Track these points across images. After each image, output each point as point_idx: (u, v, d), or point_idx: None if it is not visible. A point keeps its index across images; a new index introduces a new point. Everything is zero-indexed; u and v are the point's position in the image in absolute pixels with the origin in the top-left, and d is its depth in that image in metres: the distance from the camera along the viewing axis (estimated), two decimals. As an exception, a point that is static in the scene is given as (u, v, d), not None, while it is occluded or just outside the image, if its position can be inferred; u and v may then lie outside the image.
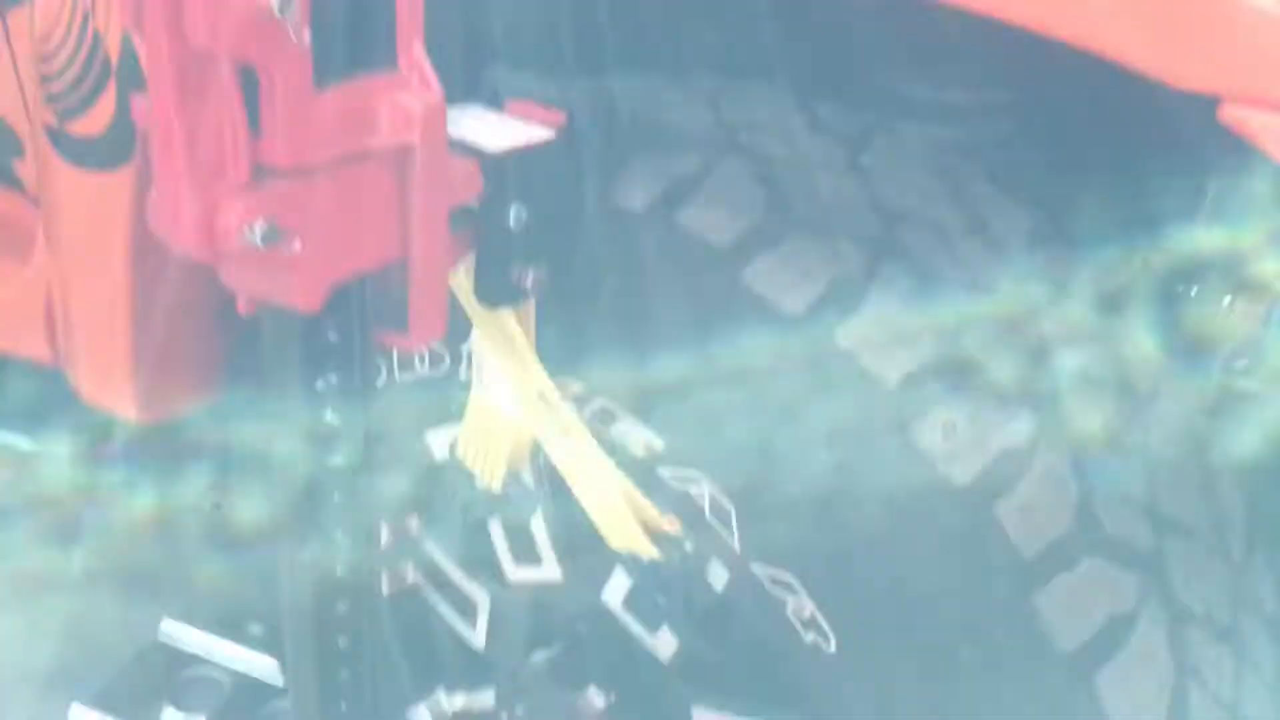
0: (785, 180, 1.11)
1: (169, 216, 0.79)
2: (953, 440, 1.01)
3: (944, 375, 1.03)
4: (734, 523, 1.10)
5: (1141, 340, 1.20)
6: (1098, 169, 1.43)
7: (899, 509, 1.02)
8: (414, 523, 1.48)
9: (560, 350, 1.13)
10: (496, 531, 1.40)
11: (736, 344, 1.06)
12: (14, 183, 1.61)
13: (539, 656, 1.37)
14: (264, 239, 0.79)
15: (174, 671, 2.05)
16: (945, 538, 1.01)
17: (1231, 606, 1.11)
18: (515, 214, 1.01)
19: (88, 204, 1.39)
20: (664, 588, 1.25)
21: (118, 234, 1.36)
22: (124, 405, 1.55)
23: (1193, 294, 1.58)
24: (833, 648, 1.08)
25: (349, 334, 0.95)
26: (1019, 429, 1.03)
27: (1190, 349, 1.47)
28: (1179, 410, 1.16)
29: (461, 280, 1.07)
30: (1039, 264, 1.16)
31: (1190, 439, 1.16)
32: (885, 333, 1.04)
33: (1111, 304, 1.20)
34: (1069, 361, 1.09)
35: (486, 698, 1.50)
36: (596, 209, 1.07)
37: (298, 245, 0.83)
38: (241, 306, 0.91)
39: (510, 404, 1.17)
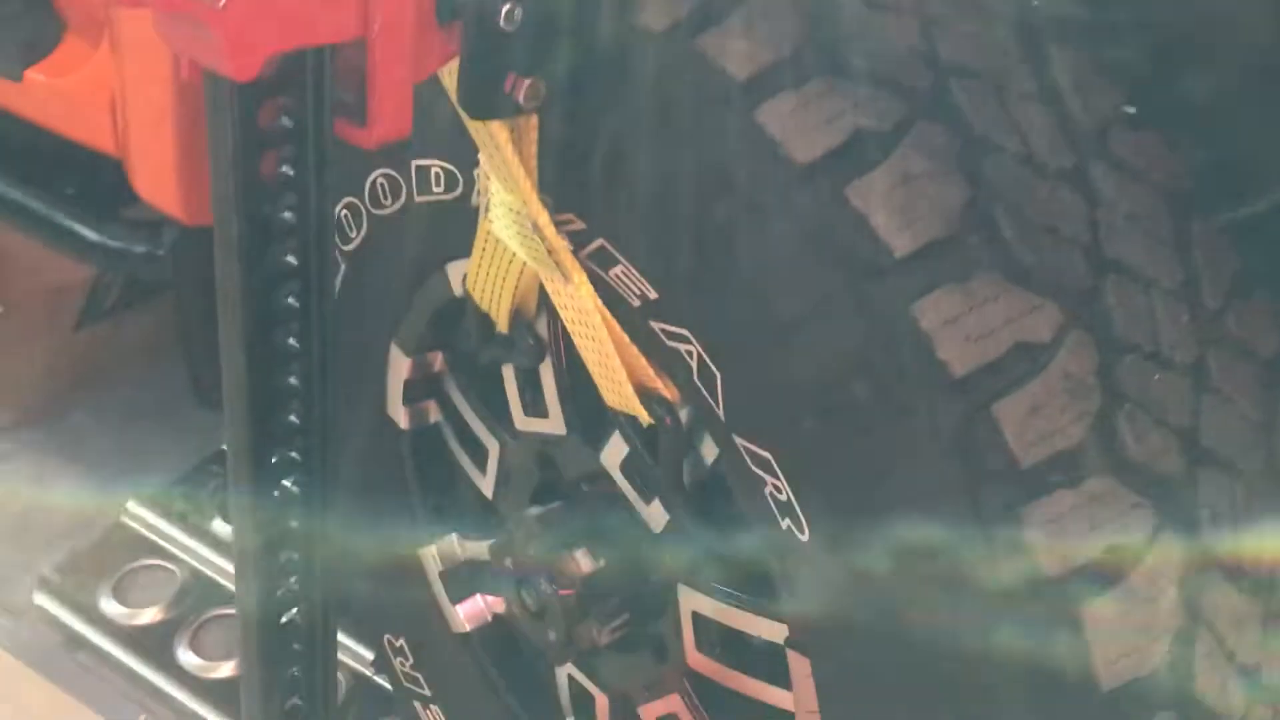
0: (829, 14, 0.98)
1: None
2: (959, 326, 0.89)
3: (962, 250, 0.91)
4: (719, 389, 1.01)
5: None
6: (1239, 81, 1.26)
7: (886, 393, 0.91)
8: (437, 359, 1.43)
9: (559, 180, 1.05)
10: (509, 377, 1.33)
11: (738, 191, 0.95)
12: (93, -41, 1.59)
13: (535, 511, 1.31)
14: (170, -19, 0.72)
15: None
16: (932, 431, 0.89)
17: (1273, 561, 0.97)
18: (508, 12, 0.92)
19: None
20: (657, 456, 1.17)
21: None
22: (172, 206, 1.53)
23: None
24: (806, 537, 0.99)
25: (303, 120, 0.88)
26: (1041, 323, 0.91)
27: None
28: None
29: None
30: (1113, 147, 1.02)
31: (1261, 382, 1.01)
32: (904, 196, 0.92)
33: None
34: (1121, 255, 0.95)
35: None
36: (608, 22, 0.97)
37: (223, 1, 0.76)
38: (184, 71, 0.85)
39: (509, 235, 1.09)
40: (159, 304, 2.11)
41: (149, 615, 1.85)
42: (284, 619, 1.08)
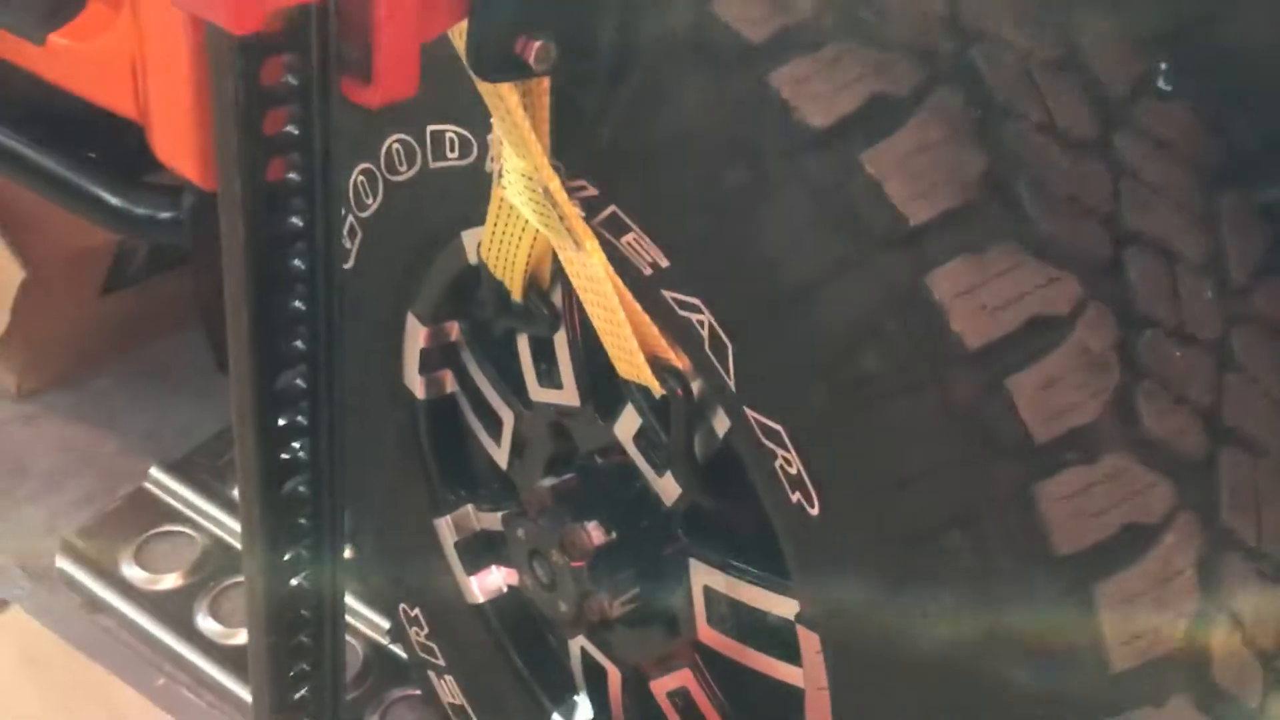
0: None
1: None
2: (974, 298, 0.87)
3: (979, 220, 0.89)
4: (730, 360, 0.99)
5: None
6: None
7: (899, 366, 0.89)
8: (454, 328, 1.42)
9: (570, 144, 1.03)
10: (523, 347, 1.32)
11: (750, 156, 0.93)
12: (116, -82, 1.58)
13: (548, 482, 1.30)
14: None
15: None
16: (943, 405, 0.87)
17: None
18: (516, -28, 0.90)
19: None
20: (669, 428, 1.15)
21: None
22: (190, 170, 1.52)
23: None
24: (816, 511, 0.97)
25: (308, 78, 0.86)
26: (1059, 295, 0.88)
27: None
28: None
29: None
30: (1140, 118, 0.99)
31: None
32: (921, 164, 0.89)
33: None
34: (1144, 227, 0.92)
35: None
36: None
37: (222, -47, 0.74)
38: (189, 27, 0.84)
39: (522, 201, 1.08)
40: (185, 269, 2.12)
41: (170, 581, 1.86)
42: (292, 584, 1.08)
